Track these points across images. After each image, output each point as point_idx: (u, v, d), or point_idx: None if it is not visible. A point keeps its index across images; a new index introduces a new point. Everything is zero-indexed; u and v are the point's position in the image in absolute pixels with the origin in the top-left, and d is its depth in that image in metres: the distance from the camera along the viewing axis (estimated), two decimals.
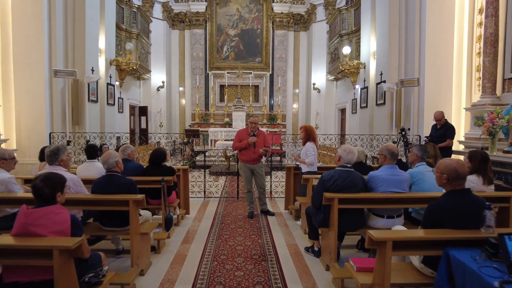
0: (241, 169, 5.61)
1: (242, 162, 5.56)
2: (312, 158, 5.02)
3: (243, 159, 5.51)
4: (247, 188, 5.57)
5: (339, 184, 3.38)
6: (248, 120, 5.57)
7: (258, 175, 5.56)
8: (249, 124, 5.51)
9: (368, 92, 9.18)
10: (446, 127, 6.11)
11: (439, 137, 6.07)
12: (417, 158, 3.71)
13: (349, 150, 3.48)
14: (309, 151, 5.07)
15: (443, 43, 7.25)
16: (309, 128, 5.24)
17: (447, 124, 6.17)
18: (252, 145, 5.37)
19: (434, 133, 6.26)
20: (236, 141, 5.52)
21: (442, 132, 6.12)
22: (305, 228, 4.78)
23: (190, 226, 5.08)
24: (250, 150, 5.40)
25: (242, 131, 5.59)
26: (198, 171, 8.74)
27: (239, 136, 5.52)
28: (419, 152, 3.70)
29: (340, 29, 12.24)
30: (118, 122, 12.32)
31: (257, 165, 5.53)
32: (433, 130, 6.36)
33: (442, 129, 6.14)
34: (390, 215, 3.53)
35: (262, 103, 16.16)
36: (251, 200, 5.61)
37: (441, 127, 6.17)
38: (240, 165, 5.61)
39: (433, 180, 3.57)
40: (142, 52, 13.05)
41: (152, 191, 4.42)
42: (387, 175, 3.48)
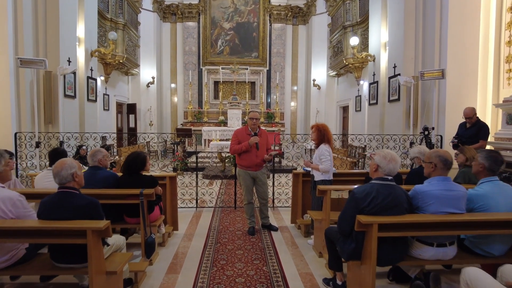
0: (240, 177, 4.67)
1: (242, 168, 4.61)
2: (327, 164, 4.12)
3: (244, 164, 4.58)
4: (248, 199, 4.65)
5: (378, 204, 2.50)
6: (247, 116, 4.64)
7: (261, 183, 4.66)
8: (248, 121, 4.60)
9: (379, 87, 8.32)
10: (479, 126, 5.25)
11: (469, 137, 5.21)
12: (483, 170, 2.79)
13: (390, 157, 2.58)
14: (324, 155, 4.17)
15: (467, 31, 6.40)
16: (322, 127, 4.32)
17: (479, 123, 5.30)
18: (255, 146, 4.47)
19: (463, 132, 5.39)
20: (234, 143, 4.58)
21: (473, 131, 5.25)
22: (320, 250, 3.89)
23: (179, 247, 4.16)
24: (251, 153, 4.48)
25: (240, 131, 4.67)
26: (189, 177, 7.78)
27: (238, 137, 4.58)
28: (487, 161, 2.76)
29: (344, 21, 11.38)
30: (103, 121, 11.35)
31: (259, 172, 4.64)
32: (461, 129, 5.49)
33: (473, 128, 5.27)
34: (441, 243, 2.66)
35: (259, 100, 15.25)
36: (252, 213, 4.71)
37: (472, 125, 5.30)
38: (239, 171, 4.65)
39: (508, 203, 2.72)
40: (130, 44, 12.06)
41: (129, 207, 3.50)
42: (440, 191, 2.60)
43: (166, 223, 4.41)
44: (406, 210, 2.59)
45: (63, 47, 6.76)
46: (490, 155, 2.76)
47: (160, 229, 4.03)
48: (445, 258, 2.70)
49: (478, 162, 2.81)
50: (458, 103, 6.42)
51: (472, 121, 5.31)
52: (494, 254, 2.76)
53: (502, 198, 2.70)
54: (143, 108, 14.18)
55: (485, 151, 2.86)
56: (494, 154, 2.79)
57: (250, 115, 4.57)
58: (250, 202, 4.64)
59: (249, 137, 4.49)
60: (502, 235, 2.69)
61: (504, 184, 2.80)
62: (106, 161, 3.62)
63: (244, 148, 4.45)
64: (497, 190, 2.73)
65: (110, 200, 3.36)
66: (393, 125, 7.60)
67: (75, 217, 2.35)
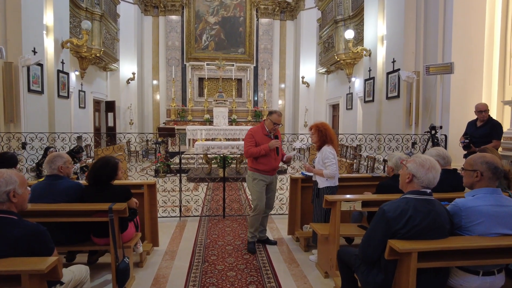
0: (254, 181, 3.94)
1: (259, 173, 3.92)
2: (333, 168, 3.57)
3: (261, 169, 3.92)
4: (260, 209, 3.94)
5: (416, 226, 1.94)
6: (269, 118, 3.93)
7: (272, 190, 4.10)
8: (268, 123, 3.93)
9: (375, 83, 7.84)
10: (491, 125, 4.83)
11: (481, 137, 4.77)
12: None
13: (430, 164, 2.02)
14: (328, 158, 3.62)
15: (472, 23, 5.98)
16: (323, 127, 3.75)
17: (491, 121, 4.89)
18: (275, 150, 3.92)
19: (473, 131, 4.94)
20: (250, 144, 3.89)
21: (485, 130, 4.81)
22: (325, 270, 3.34)
23: (159, 268, 3.51)
24: (271, 157, 3.91)
25: (256, 131, 3.98)
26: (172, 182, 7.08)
27: (254, 138, 3.90)
28: None
29: (335, 15, 10.90)
30: (78, 119, 10.54)
31: (274, 176, 4.09)
32: (471, 128, 5.04)
33: (486, 127, 4.83)
34: (488, 271, 2.12)
35: (246, 98, 14.64)
36: (258, 227, 4.03)
37: (484, 124, 4.86)
38: (255, 176, 3.93)
39: None
40: (108, 37, 11.24)
41: (97, 225, 2.85)
42: (490, 206, 2.06)
43: (144, 240, 3.76)
44: (449, 232, 2.05)
45: (27, 35, 5.95)
46: None
47: (137, 248, 3.38)
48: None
49: None
50: (463, 100, 6.01)
51: (484, 119, 4.88)
52: None
53: None
54: (122, 106, 13.36)
55: None
56: None
57: (274, 118, 3.89)
58: (260, 213, 3.96)
59: (267, 138, 3.89)
60: None
61: None
62: (68, 169, 2.94)
63: (263, 152, 3.81)
64: None
65: (72, 218, 2.70)
66: (392, 123, 7.13)
67: (12, 252, 1.69)
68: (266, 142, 3.84)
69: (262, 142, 3.85)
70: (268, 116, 3.95)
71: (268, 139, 3.88)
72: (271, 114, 3.93)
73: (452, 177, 3.30)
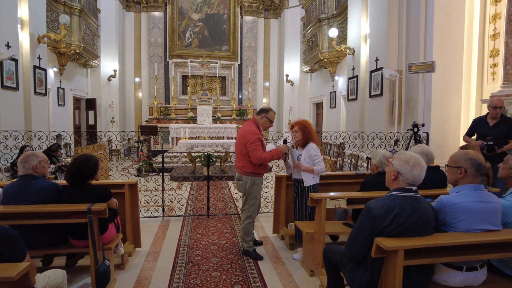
0: (254, 188, 3.64)
1: (260, 177, 3.67)
2: (322, 164, 3.63)
3: (263, 172, 3.69)
4: (254, 216, 3.76)
5: (402, 223, 1.93)
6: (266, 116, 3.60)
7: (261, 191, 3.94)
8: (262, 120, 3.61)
9: (359, 82, 7.90)
10: (510, 123, 4.23)
11: (499, 137, 4.18)
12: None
13: (415, 161, 2.01)
14: (316, 154, 3.65)
15: (453, 23, 6.08)
16: (306, 125, 3.71)
17: (507, 119, 4.31)
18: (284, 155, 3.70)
19: (486, 131, 4.32)
20: (260, 148, 3.46)
21: (502, 130, 4.19)
22: (311, 268, 3.32)
23: (142, 270, 3.42)
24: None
25: (258, 133, 3.55)
26: (155, 181, 6.94)
27: (261, 140, 3.54)
28: None
29: (319, 13, 10.93)
30: (57, 117, 10.22)
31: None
32: (482, 127, 4.40)
33: (503, 126, 4.22)
34: (471, 266, 2.14)
35: (231, 96, 14.53)
36: (252, 232, 3.83)
37: (499, 122, 4.26)
38: (256, 181, 3.63)
39: None
40: (88, 33, 10.92)
41: (75, 227, 2.73)
42: (473, 203, 2.08)
43: (126, 241, 3.65)
44: (434, 229, 2.05)
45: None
46: None
47: (118, 250, 3.27)
48: (475, 284, 2.19)
49: (510, 166, 2.33)
50: (443, 99, 6.11)
51: (497, 116, 4.28)
52: None
53: None
54: (104, 104, 13.03)
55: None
56: None
57: (272, 116, 3.64)
58: (254, 219, 3.82)
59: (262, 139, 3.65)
60: None
61: None
62: (43, 168, 2.80)
63: (275, 157, 3.51)
64: None
65: (47, 220, 2.57)
66: (375, 121, 7.21)
67: None
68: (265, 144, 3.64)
69: (263, 142, 3.57)
70: (263, 114, 3.63)
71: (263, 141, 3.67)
72: (267, 112, 3.64)
73: (435, 174, 3.34)
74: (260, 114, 3.66)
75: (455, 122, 6.17)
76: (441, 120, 6.05)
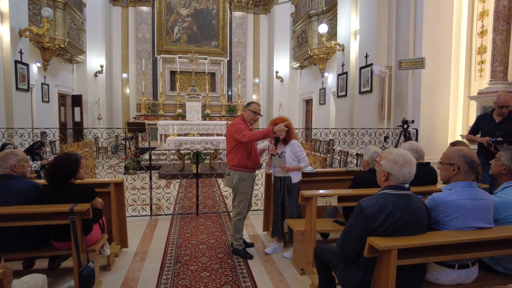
0: (243, 183, 3.60)
1: (248, 171, 3.61)
2: (307, 159, 3.64)
3: (251, 166, 3.63)
4: (244, 213, 3.70)
5: (395, 222, 1.89)
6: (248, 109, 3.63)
7: (252, 188, 3.86)
8: (246, 112, 3.62)
9: (348, 78, 7.88)
10: None
11: (507, 134, 3.94)
12: (508, 173, 2.30)
13: (403, 160, 1.96)
14: (301, 150, 3.67)
15: (442, 20, 6.10)
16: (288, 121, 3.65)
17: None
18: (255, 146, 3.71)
19: (492, 128, 4.07)
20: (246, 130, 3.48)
21: (510, 126, 3.97)
22: (301, 266, 3.27)
23: (129, 271, 3.32)
24: (253, 151, 3.64)
25: (241, 123, 3.58)
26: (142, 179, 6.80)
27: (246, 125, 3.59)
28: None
29: (309, 9, 10.88)
30: (41, 114, 9.98)
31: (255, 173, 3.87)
32: (488, 124, 4.18)
33: (510, 122, 4.00)
34: (463, 264, 2.12)
35: (220, 92, 14.40)
36: (242, 230, 3.76)
37: (507, 119, 4.03)
38: (244, 175, 3.58)
39: None
40: (73, 27, 10.66)
41: (57, 228, 2.62)
42: (466, 200, 2.05)
43: (112, 241, 3.55)
44: (427, 227, 2.02)
45: None
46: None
47: (104, 251, 3.17)
48: (467, 281, 2.18)
49: (501, 163, 2.32)
50: (432, 95, 6.14)
51: (503, 115, 4.05)
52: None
53: None
54: (90, 100, 12.77)
55: (511, 150, 2.36)
56: None
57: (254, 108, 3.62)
58: (245, 215, 3.75)
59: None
60: None
61: None
62: (23, 168, 2.68)
63: (265, 133, 3.39)
64: None
65: (27, 222, 2.46)
66: (365, 118, 7.20)
67: None
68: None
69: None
70: (246, 107, 3.68)
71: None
72: (249, 104, 3.69)
73: (425, 171, 3.32)
74: (244, 109, 3.76)
75: (443, 118, 6.21)
76: (430, 117, 6.08)
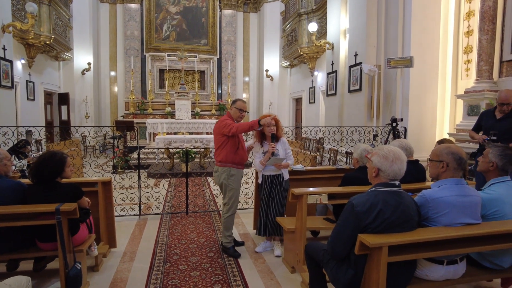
0: (232, 178, 3.55)
1: (236, 167, 3.57)
2: (292, 157, 3.68)
3: (239, 162, 3.59)
4: (234, 210, 3.66)
5: (386, 219, 1.89)
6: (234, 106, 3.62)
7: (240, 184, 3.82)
8: (232, 110, 3.62)
9: (338, 77, 7.92)
10: None
11: (505, 132, 3.83)
12: (495, 169, 2.34)
13: (393, 156, 1.97)
14: (289, 148, 3.72)
15: (429, 19, 6.17)
16: (278, 119, 3.66)
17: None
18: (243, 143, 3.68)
19: (492, 125, 3.99)
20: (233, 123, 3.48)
21: (509, 124, 3.85)
22: (292, 265, 3.27)
23: (117, 271, 3.27)
24: (241, 148, 3.60)
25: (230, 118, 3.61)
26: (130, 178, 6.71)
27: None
28: (500, 159, 2.31)
29: (299, 8, 10.89)
30: (26, 112, 9.75)
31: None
32: (488, 121, 4.08)
33: (510, 119, 3.87)
34: (452, 260, 2.15)
35: (210, 91, 14.32)
36: (232, 227, 3.72)
37: (507, 116, 3.90)
38: (232, 171, 3.54)
39: None
40: (59, 24, 10.44)
41: (42, 229, 2.56)
42: (455, 197, 2.07)
43: (100, 241, 3.48)
44: (417, 224, 2.03)
45: None
46: (505, 154, 2.31)
47: (92, 251, 3.11)
48: (455, 277, 2.21)
49: (489, 160, 2.35)
50: (421, 94, 6.21)
51: (505, 112, 3.91)
52: (503, 266, 2.33)
53: None
54: (77, 98, 12.55)
55: (499, 147, 2.40)
56: (510, 152, 2.34)
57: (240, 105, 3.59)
58: (235, 213, 3.70)
59: None
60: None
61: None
62: (6, 167, 2.61)
63: (252, 123, 3.37)
64: (511, 192, 2.29)
65: (11, 222, 2.39)
66: (354, 116, 7.25)
67: None
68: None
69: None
70: (232, 105, 3.66)
71: None
72: (234, 102, 3.66)
73: (415, 168, 3.36)
74: (230, 106, 3.73)
75: (431, 116, 6.29)
76: (418, 115, 6.15)
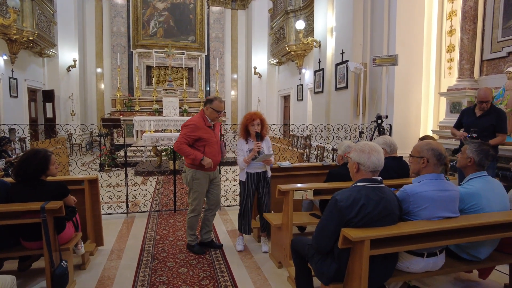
0: (195, 181, 3.48)
1: (201, 170, 3.45)
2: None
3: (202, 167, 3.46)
4: (198, 210, 3.60)
5: (368, 214, 1.95)
6: (210, 106, 3.40)
7: (217, 186, 3.72)
8: (207, 111, 3.42)
9: (325, 75, 8.00)
10: (497, 115, 3.89)
11: (485, 129, 3.88)
12: (472, 165, 2.43)
13: (369, 148, 2.02)
14: (271, 146, 3.76)
15: (414, 18, 6.29)
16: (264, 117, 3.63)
17: (496, 110, 3.95)
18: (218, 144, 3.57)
19: (472, 122, 4.01)
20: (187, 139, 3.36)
21: (489, 121, 3.88)
22: (279, 260, 3.32)
23: (105, 269, 3.26)
24: (213, 148, 3.46)
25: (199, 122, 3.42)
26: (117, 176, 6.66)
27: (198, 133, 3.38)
28: (477, 155, 2.40)
29: (286, 6, 10.92)
30: (9, 110, 9.56)
31: (216, 171, 3.73)
32: (468, 118, 4.10)
33: (490, 117, 3.90)
34: (431, 252, 2.23)
35: (198, 88, 14.26)
36: (197, 227, 3.70)
37: (486, 113, 3.93)
38: (196, 175, 3.46)
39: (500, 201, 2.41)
40: (43, 19, 10.24)
41: (27, 227, 2.54)
42: (434, 191, 2.15)
43: (86, 239, 3.47)
44: (398, 218, 2.10)
45: None
46: (481, 149, 2.40)
47: (78, 249, 3.10)
48: (435, 268, 2.29)
49: (467, 155, 2.44)
50: (405, 91, 6.33)
51: (484, 109, 3.95)
52: (480, 258, 2.43)
53: (493, 195, 2.38)
54: (63, 96, 12.34)
55: (476, 143, 2.48)
56: (485, 147, 2.43)
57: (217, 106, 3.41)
58: (199, 213, 3.66)
59: (209, 130, 3.45)
60: None
61: (493, 180, 2.48)
62: None
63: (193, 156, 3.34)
64: (488, 187, 2.39)
65: None
66: (340, 114, 7.34)
67: None
68: (210, 136, 3.44)
69: (206, 137, 3.41)
70: (208, 104, 3.41)
71: (211, 131, 3.47)
72: (211, 101, 3.41)
73: (398, 164, 3.44)
74: (205, 105, 3.46)
75: (415, 114, 6.42)
76: (403, 112, 6.27)
